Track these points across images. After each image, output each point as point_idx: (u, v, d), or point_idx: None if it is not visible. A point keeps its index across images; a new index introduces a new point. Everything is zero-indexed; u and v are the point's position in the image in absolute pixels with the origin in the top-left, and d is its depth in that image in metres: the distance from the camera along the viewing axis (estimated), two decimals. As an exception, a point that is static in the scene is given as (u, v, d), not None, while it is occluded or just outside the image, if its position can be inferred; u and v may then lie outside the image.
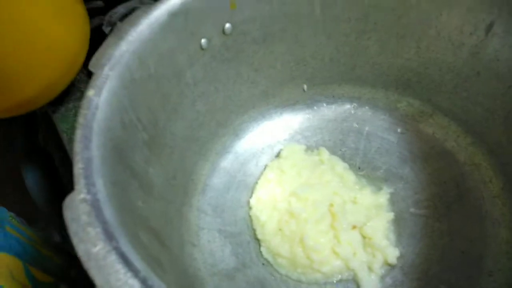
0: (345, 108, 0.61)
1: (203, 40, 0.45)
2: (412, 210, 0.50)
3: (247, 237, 0.52)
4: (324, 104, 0.61)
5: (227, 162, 0.58)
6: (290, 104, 0.61)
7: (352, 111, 0.61)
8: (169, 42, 0.41)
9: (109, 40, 0.36)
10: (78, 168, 0.27)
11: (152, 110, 0.41)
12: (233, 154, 0.59)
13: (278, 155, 0.58)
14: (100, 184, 0.27)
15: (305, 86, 0.60)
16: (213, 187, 0.56)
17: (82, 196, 0.26)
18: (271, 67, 0.55)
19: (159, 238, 0.38)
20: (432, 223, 0.49)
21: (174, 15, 0.40)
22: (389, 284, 0.46)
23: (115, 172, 0.32)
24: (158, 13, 0.39)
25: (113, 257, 0.23)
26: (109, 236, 0.24)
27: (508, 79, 0.43)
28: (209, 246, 0.50)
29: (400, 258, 0.47)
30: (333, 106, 0.61)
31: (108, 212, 0.26)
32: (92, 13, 0.59)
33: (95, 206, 0.26)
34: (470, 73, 0.47)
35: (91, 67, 0.35)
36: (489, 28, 0.42)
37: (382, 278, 0.46)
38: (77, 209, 0.25)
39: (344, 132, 0.60)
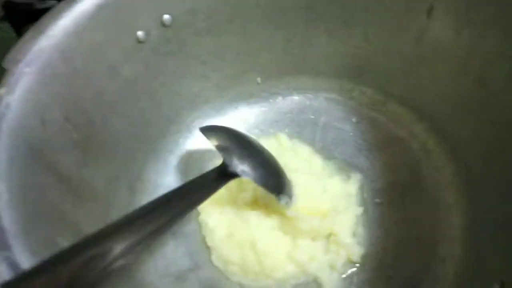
0: (300, 100, 0.60)
1: (139, 33, 0.43)
2: (372, 200, 0.49)
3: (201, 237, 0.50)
4: (280, 97, 0.60)
5: (180, 160, 0.56)
6: (245, 97, 0.59)
7: (308, 102, 0.60)
8: (98, 35, 0.39)
9: (27, 35, 0.34)
10: (-24, 171, 0.25)
11: (84, 108, 0.39)
12: (187, 151, 0.57)
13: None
14: (1, 188, 0.25)
15: (259, 79, 0.58)
16: (166, 186, 0.54)
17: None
18: (221, 59, 0.53)
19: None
20: (388, 212, 0.48)
21: (102, 7, 0.38)
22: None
23: (30, 175, 0.30)
24: (83, 6, 0.37)
25: (1, 268, 0.21)
26: (1, 245, 0.22)
27: (452, 63, 0.43)
28: (161, 249, 0.48)
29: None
30: (289, 98, 0.60)
31: (8, 219, 0.24)
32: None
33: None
34: (417, 58, 0.47)
35: (5, 64, 0.32)
36: (430, 10, 0.41)
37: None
38: (-30, 216, 0.23)
39: (301, 124, 0.58)
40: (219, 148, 0.43)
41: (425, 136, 0.51)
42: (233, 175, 0.42)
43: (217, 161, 0.55)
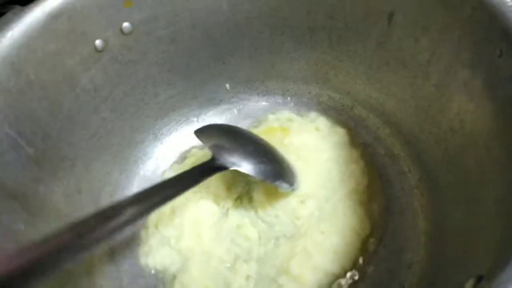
0: (270, 105, 0.60)
1: (97, 41, 0.42)
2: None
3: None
4: (250, 102, 0.60)
5: (147, 169, 0.55)
6: (214, 104, 0.59)
7: (277, 107, 0.59)
8: (52, 45, 0.37)
9: (-28, 47, 0.33)
10: None
11: (38, 121, 0.37)
12: (154, 159, 0.56)
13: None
14: None
15: (227, 85, 0.58)
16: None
17: None
18: (187, 66, 0.52)
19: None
20: (365, 187, 0.48)
21: (54, 16, 0.37)
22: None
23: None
24: (33, 16, 0.36)
25: None
26: None
27: (413, 68, 0.43)
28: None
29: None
30: (258, 104, 0.60)
31: None
32: None
33: None
34: (380, 63, 0.47)
35: None
36: (390, 17, 0.41)
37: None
38: None
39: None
40: (210, 145, 0.44)
41: (390, 140, 0.52)
42: (221, 168, 0.42)
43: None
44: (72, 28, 0.39)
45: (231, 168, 0.43)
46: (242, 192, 0.51)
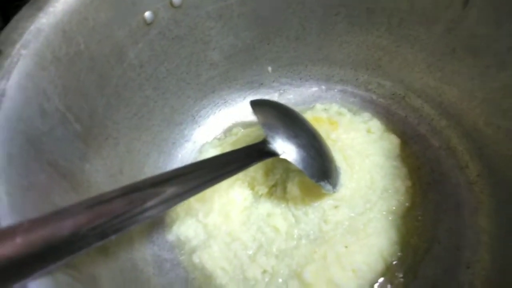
0: (313, 91, 0.57)
1: (147, 13, 0.39)
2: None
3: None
4: (291, 88, 0.57)
5: (185, 152, 0.53)
6: (254, 87, 0.56)
7: (320, 94, 0.56)
8: (102, 14, 0.34)
9: (23, 12, 0.30)
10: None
11: (86, 96, 0.35)
12: (192, 143, 0.54)
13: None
14: (1, 192, 0.21)
15: (269, 68, 0.55)
16: (170, 180, 0.51)
17: (-29, 207, 0.20)
18: (232, 46, 0.50)
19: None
20: (407, 210, 0.46)
21: (108, -18, 0.34)
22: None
23: (31, 173, 0.26)
24: (87, -20, 0.33)
25: None
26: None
27: (486, 57, 0.40)
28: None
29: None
30: (300, 89, 0.57)
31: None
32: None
33: (-12, 221, 0.20)
34: (445, 50, 0.44)
35: (-1, 44, 0.28)
36: (466, 1, 0.38)
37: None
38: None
39: (312, 117, 0.55)
40: (264, 124, 0.41)
41: (447, 132, 0.48)
42: (272, 154, 0.39)
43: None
44: (124, -3, 0.36)
45: (281, 157, 0.40)
46: (279, 180, 0.49)
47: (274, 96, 0.57)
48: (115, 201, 0.24)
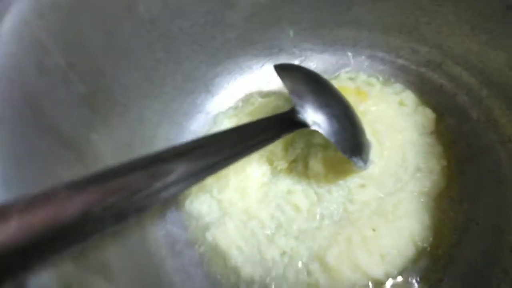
0: (337, 58, 0.52)
1: (160, -41, 0.34)
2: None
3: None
4: (313, 54, 0.52)
5: (197, 124, 0.48)
6: (274, 53, 0.51)
7: (346, 61, 0.51)
8: (110, -45, 0.29)
9: None
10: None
11: (92, 53, 0.30)
12: (205, 114, 0.49)
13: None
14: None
15: (291, 32, 0.49)
16: (182, 154, 0.46)
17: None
18: (252, 4, 0.44)
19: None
20: (441, 191, 0.42)
21: None
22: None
23: (27, 138, 0.21)
24: None
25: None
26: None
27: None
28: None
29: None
30: (323, 56, 0.52)
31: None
32: None
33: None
34: (496, 9, 0.39)
35: (-14, -18, 0.23)
36: None
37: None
38: None
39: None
40: (292, 91, 0.36)
41: (487, 103, 0.44)
42: (301, 125, 0.35)
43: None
44: None
45: (312, 128, 0.36)
46: (300, 155, 0.45)
47: (294, 63, 0.52)
48: (134, 174, 0.19)
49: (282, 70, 0.39)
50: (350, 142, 0.37)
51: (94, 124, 0.30)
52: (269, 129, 0.33)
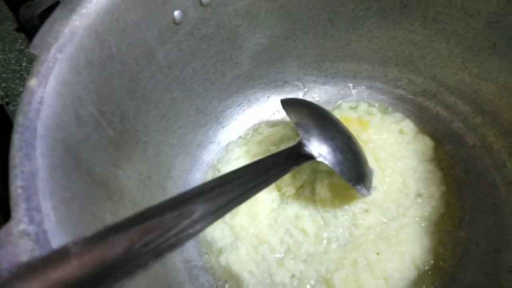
0: (338, 89, 0.55)
1: (176, 13, 0.37)
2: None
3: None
4: (316, 85, 0.55)
5: (210, 154, 0.52)
6: (279, 85, 0.54)
7: (347, 92, 0.55)
8: (132, 14, 0.33)
9: (56, 14, 0.28)
10: (16, 187, 0.20)
11: (118, 100, 0.33)
12: (216, 144, 0.52)
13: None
14: (48, 208, 0.20)
15: (295, 66, 0.53)
16: (196, 183, 0.49)
17: (22, 227, 0.19)
18: (258, 44, 0.48)
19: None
20: (442, 215, 0.44)
21: (139, -20, 0.32)
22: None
23: (71, 184, 0.25)
24: (118, -21, 0.31)
25: None
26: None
27: (530, 51, 0.38)
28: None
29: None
30: (326, 87, 0.55)
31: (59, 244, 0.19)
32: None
33: (41, 241, 0.19)
34: (484, 45, 0.42)
35: (33, 48, 0.27)
36: (511, -9, 0.36)
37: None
38: (15, 246, 0.18)
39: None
40: (298, 125, 0.39)
41: (482, 130, 0.47)
42: (308, 157, 0.38)
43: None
44: (154, -4, 0.34)
45: (318, 160, 0.39)
46: (307, 180, 0.47)
47: (298, 95, 0.55)
48: (165, 213, 0.22)
49: (288, 105, 0.43)
50: (354, 172, 0.40)
51: (120, 162, 0.34)
52: (279, 163, 0.35)
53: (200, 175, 0.50)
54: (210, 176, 0.50)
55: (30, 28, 0.55)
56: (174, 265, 0.41)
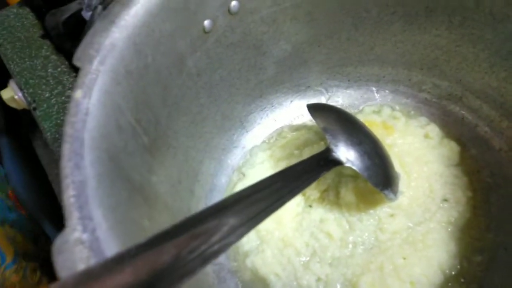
0: (361, 93, 0.55)
1: (206, 22, 0.38)
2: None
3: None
4: (339, 90, 0.55)
5: (234, 158, 0.52)
6: (301, 90, 0.55)
7: (370, 96, 0.55)
8: (167, 25, 0.34)
9: (97, 26, 0.30)
10: (68, 196, 0.21)
11: (152, 108, 0.35)
12: (241, 148, 0.53)
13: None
14: (99, 216, 0.21)
15: (317, 71, 0.53)
16: (221, 187, 0.50)
17: (76, 235, 0.20)
18: (282, 50, 0.49)
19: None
20: (468, 221, 0.44)
21: (173, -8, 0.33)
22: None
23: (115, 192, 0.26)
24: (153, -10, 0.32)
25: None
26: None
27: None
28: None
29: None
30: (349, 91, 0.55)
31: (110, 252, 0.20)
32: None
33: (95, 248, 0.20)
34: (513, 49, 0.42)
35: (76, 60, 0.28)
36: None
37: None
38: (71, 254, 0.19)
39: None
40: (326, 130, 0.40)
41: (509, 134, 0.46)
42: (336, 163, 0.38)
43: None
44: (187, 6, 0.35)
45: (346, 165, 0.39)
46: (331, 184, 0.48)
47: (321, 99, 0.56)
48: (207, 220, 0.23)
49: (315, 110, 0.43)
50: (381, 176, 0.41)
51: (154, 168, 0.35)
52: (309, 169, 0.36)
53: (225, 179, 0.51)
54: (235, 179, 0.51)
55: (54, 34, 0.56)
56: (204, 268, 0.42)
